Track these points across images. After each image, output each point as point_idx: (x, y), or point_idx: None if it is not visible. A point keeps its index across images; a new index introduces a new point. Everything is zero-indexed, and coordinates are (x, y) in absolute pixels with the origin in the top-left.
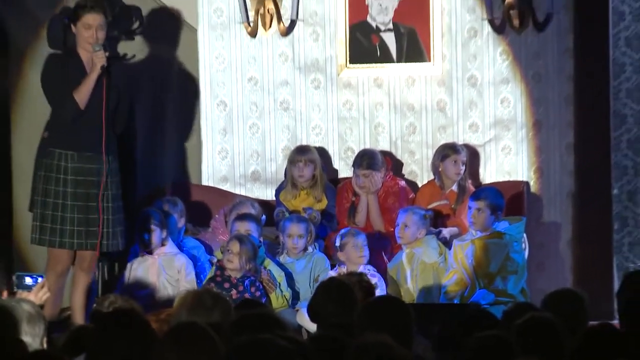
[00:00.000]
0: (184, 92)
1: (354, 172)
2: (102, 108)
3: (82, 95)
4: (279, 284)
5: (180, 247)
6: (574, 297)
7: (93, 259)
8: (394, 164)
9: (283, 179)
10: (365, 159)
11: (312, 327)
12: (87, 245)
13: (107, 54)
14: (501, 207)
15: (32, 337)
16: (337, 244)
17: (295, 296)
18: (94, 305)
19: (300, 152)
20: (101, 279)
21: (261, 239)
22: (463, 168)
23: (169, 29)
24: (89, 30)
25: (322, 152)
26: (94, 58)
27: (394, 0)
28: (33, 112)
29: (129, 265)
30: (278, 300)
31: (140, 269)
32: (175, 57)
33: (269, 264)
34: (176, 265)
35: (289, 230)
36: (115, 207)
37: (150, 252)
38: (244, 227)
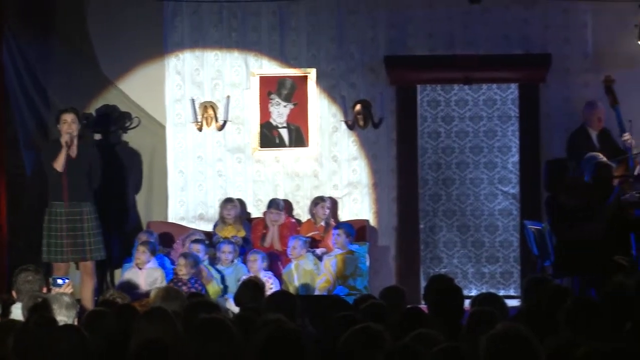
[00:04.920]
0: (157, 164)
1: (268, 212)
2: (69, 172)
3: (58, 163)
4: (216, 279)
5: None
6: (397, 290)
7: (90, 267)
8: (287, 209)
9: (218, 218)
10: (275, 204)
11: (235, 309)
12: (75, 259)
13: (68, 136)
14: (353, 235)
15: (68, 318)
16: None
17: (225, 290)
18: (100, 296)
19: (228, 201)
20: (105, 281)
21: (206, 255)
22: (328, 211)
23: (148, 126)
24: (65, 124)
25: (242, 202)
26: (61, 139)
27: (287, 109)
28: None
29: (124, 273)
30: (215, 289)
31: (131, 274)
32: (152, 144)
33: (211, 269)
34: (154, 274)
35: (222, 249)
36: (95, 233)
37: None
38: (197, 247)
